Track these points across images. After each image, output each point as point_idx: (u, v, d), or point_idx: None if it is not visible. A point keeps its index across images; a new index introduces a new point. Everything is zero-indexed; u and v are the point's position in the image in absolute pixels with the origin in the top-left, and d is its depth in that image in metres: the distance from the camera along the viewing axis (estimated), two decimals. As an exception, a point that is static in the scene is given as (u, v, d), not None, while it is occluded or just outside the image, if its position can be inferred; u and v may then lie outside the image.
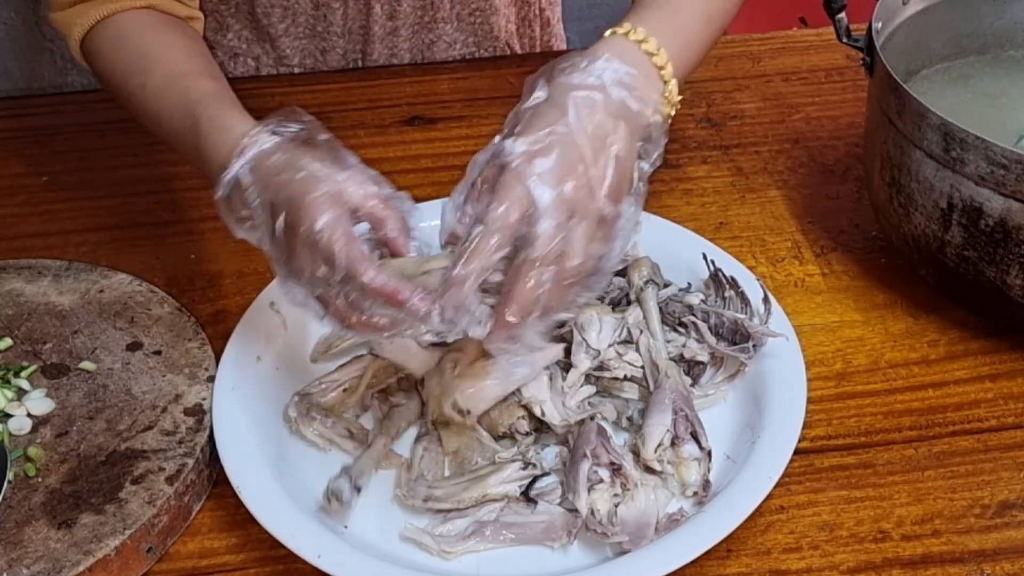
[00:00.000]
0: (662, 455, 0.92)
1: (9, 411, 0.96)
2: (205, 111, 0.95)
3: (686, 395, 0.94)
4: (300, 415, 0.94)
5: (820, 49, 1.43)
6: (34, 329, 1.04)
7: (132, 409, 0.97)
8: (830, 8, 1.08)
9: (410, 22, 1.40)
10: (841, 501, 0.93)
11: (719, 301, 1.02)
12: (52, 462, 0.93)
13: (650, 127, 0.90)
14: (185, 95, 0.98)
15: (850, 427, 0.98)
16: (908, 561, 0.88)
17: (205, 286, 1.13)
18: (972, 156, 0.96)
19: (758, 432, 0.93)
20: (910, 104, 0.99)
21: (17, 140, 1.33)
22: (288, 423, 0.94)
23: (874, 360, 1.04)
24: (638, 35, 0.92)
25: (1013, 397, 1.01)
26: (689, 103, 1.36)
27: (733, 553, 0.89)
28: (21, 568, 0.85)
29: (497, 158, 0.85)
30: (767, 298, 1.01)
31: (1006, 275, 0.99)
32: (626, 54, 0.91)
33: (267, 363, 1.00)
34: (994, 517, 0.91)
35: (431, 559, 0.88)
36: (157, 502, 0.89)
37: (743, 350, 0.97)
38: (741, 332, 0.99)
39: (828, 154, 1.28)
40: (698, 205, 1.21)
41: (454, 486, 0.91)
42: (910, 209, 1.03)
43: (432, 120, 1.34)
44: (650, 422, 0.92)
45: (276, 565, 0.89)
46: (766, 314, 1.00)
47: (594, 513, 0.88)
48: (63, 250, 1.17)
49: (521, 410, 0.94)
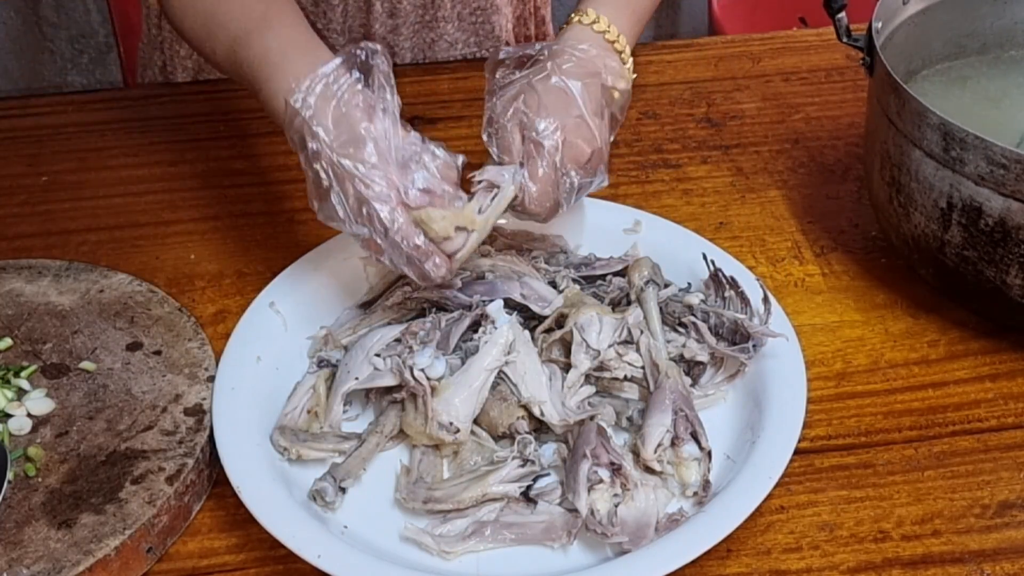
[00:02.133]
0: (662, 455, 0.92)
1: (9, 411, 0.96)
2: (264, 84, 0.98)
3: (686, 395, 0.94)
4: (291, 442, 0.94)
5: (820, 49, 1.43)
6: (34, 329, 1.04)
7: (132, 409, 0.97)
8: (830, 8, 1.08)
9: (411, 20, 1.40)
10: (841, 501, 0.93)
11: (719, 301, 1.02)
12: (52, 462, 0.93)
13: (620, 101, 1.07)
14: (242, 66, 1.01)
15: (850, 427, 0.98)
16: (908, 561, 0.88)
17: (205, 286, 1.13)
18: (972, 156, 0.96)
19: (758, 432, 0.93)
20: (910, 104, 0.99)
21: (17, 140, 1.33)
22: (283, 453, 0.94)
23: (874, 360, 1.04)
24: (602, 24, 1.07)
25: (1013, 397, 1.01)
26: (689, 103, 1.36)
27: (733, 553, 0.89)
28: (21, 568, 0.85)
29: (530, 125, 1.01)
30: (767, 298, 1.01)
31: (1006, 275, 0.99)
32: (593, 39, 1.06)
33: (267, 363, 1.00)
34: (994, 517, 0.91)
35: (431, 559, 0.88)
36: (157, 502, 0.89)
37: (743, 350, 0.97)
38: (741, 332, 0.99)
39: (828, 154, 1.28)
40: (698, 205, 1.21)
41: (454, 487, 0.91)
42: (910, 209, 1.04)
43: (432, 120, 1.34)
44: (650, 422, 0.92)
45: (276, 565, 0.89)
46: (766, 314, 1.00)
47: (594, 513, 0.88)
48: (63, 250, 1.17)
49: (520, 410, 0.94)
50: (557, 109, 1.01)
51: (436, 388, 0.93)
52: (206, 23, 1.04)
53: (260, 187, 1.24)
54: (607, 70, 1.05)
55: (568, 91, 1.02)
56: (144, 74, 1.51)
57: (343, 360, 0.99)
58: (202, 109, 1.36)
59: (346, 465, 0.92)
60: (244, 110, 1.34)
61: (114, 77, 2.80)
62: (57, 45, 2.82)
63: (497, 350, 0.95)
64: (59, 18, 2.77)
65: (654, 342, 0.98)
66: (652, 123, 1.33)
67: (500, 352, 0.95)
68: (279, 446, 0.93)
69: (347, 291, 1.07)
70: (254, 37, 1.00)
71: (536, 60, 1.05)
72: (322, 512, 0.91)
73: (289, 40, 1.00)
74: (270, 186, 1.23)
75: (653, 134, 1.31)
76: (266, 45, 0.99)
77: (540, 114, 1.01)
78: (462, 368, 0.94)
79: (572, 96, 1.02)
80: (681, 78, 1.40)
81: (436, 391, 0.93)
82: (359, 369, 0.96)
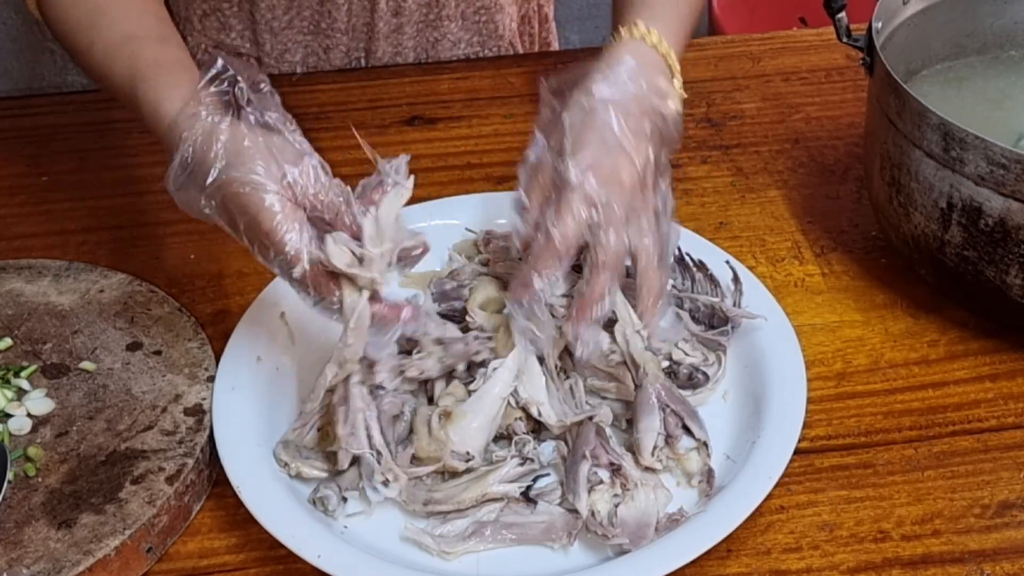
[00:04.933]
0: (660, 456, 0.92)
1: (9, 411, 0.96)
2: (141, 83, 0.95)
3: (668, 387, 0.94)
4: (292, 458, 0.93)
5: (820, 49, 1.43)
6: (34, 329, 1.04)
7: (132, 409, 0.97)
8: (830, 8, 1.08)
9: (415, 19, 1.40)
10: (841, 501, 0.93)
11: (687, 284, 1.03)
12: (52, 462, 0.93)
13: (672, 119, 0.99)
14: (128, 62, 0.97)
15: (850, 427, 0.98)
16: (908, 561, 0.89)
17: (205, 286, 1.13)
18: (972, 156, 0.96)
19: (758, 432, 0.93)
20: (910, 104, 0.99)
21: (17, 140, 1.33)
22: (283, 468, 0.93)
23: (874, 360, 1.04)
24: (653, 37, 1.00)
25: (1013, 397, 1.01)
26: (689, 103, 1.35)
27: (733, 553, 0.89)
28: (21, 568, 0.85)
29: (557, 173, 0.93)
30: (737, 278, 1.02)
31: (1006, 275, 0.99)
32: (641, 55, 0.99)
33: (267, 363, 1.00)
34: (994, 517, 0.91)
35: (431, 559, 0.88)
36: (157, 502, 0.89)
37: (722, 333, 0.99)
38: (718, 316, 1.00)
39: (828, 154, 1.28)
40: (698, 205, 1.21)
41: (454, 487, 0.91)
42: (910, 209, 1.04)
43: (432, 120, 1.34)
44: (640, 427, 0.92)
45: (276, 565, 0.89)
46: (738, 294, 1.02)
47: (594, 514, 0.88)
48: (63, 250, 1.17)
49: (519, 411, 0.94)
50: (590, 143, 0.93)
51: (451, 415, 0.92)
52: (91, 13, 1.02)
53: (260, 187, 1.24)
54: (652, 91, 0.97)
55: (602, 119, 0.94)
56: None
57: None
58: (202, 109, 1.35)
59: (350, 475, 0.92)
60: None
61: (114, 77, 2.79)
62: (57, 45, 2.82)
63: (508, 375, 0.94)
64: (59, 18, 2.77)
65: (630, 333, 0.97)
66: (652, 123, 1.33)
67: (511, 377, 0.94)
68: (280, 460, 0.93)
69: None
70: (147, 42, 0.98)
71: (572, 90, 0.97)
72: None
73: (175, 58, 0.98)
74: (270, 186, 1.23)
75: (653, 134, 1.31)
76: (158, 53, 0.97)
77: (570, 152, 0.93)
78: (476, 395, 0.93)
79: (606, 124, 0.94)
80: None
81: (451, 418, 0.92)
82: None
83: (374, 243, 0.87)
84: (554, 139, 0.95)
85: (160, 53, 0.98)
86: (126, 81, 0.96)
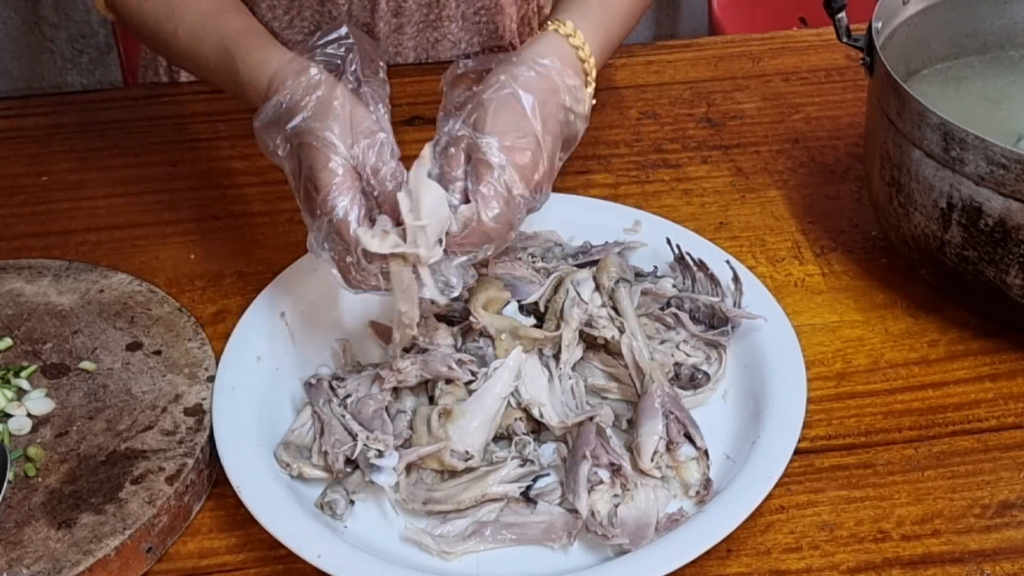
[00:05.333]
0: (659, 461, 0.92)
1: (9, 411, 0.96)
2: (238, 49, 0.99)
3: (673, 395, 0.94)
4: (293, 459, 0.93)
5: (820, 49, 1.43)
6: (34, 329, 1.04)
7: (132, 409, 0.97)
8: (830, 8, 1.08)
9: (415, 19, 1.40)
10: (841, 501, 0.93)
11: (687, 283, 1.03)
12: (52, 462, 0.93)
13: (579, 120, 1.00)
14: (216, 35, 1.02)
15: (850, 427, 0.98)
16: (908, 561, 0.89)
17: (205, 286, 1.13)
18: (972, 156, 0.96)
19: (758, 432, 0.93)
20: (910, 104, 1.00)
21: (17, 140, 1.33)
22: (284, 468, 0.93)
23: (874, 360, 1.04)
24: (577, 40, 1.01)
25: (1013, 397, 1.01)
26: (689, 103, 1.36)
27: (733, 553, 0.89)
28: (21, 568, 0.85)
29: (475, 146, 0.94)
30: (737, 278, 1.02)
31: (1006, 275, 0.99)
32: (563, 53, 1.00)
33: (267, 363, 1.00)
34: (994, 517, 0.91)
35: (431, 559, 0.88)
36: (157, 502, 0.89)
37: (723, 334, 0.99)
38: (718, 316, 1.00)
39: (828, 154, 1.28)
40: (698, 205, 1.21)
41: (453, 487, 0.91)
42: (910, 209, 1.04)
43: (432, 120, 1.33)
44: (642, 431, 0.92)
45: (276, 565, 0.89)
46: (738, 294, 1.01)
47: (594, 515, 0.88)
48: (63, 250, 1.17)
49: (519, 412, 0.94)
50: (507, 125, 0.94)
51: (451, 414, 0.92)
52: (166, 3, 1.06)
53: (260, 187, 1.24)
54: (567, 89, 0.98)
55: (520, 104, 0.95)
56: (145, 74, 1.51)
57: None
58: (202, 109, 1.35)
59: (356, 477, 0.92)
60: (244, 110, 1.33)
61: (114, 77, 2.80)
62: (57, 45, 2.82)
63: (509, 374, 0.94)
64: (59, 18, 2.77)
65: (635, 343, 0.97)
66: (652, 123, 1.33)
67: (511, 376, 0.94)
68: (282, 461, 0.93)
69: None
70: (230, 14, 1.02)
71: (493, 71, 0.98)
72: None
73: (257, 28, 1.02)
74: (270, 186, 1.23)
75: (653, 134, 1.31)
76: (245, 21, 1.01)
77: (488, 131, 0.94)
78: (476, 394, 0.94)
79: (523, 110, 0.95)
80: (681, 78, 1.40)
81: (451, 417, 0.92)
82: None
83: (413, 216, 0.89)
84: (469, 113, 0.96)
85: (245, 22, 1.04)
86: (219, 52, 1.01)
